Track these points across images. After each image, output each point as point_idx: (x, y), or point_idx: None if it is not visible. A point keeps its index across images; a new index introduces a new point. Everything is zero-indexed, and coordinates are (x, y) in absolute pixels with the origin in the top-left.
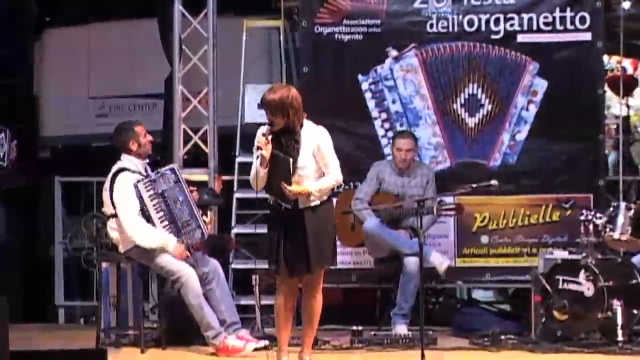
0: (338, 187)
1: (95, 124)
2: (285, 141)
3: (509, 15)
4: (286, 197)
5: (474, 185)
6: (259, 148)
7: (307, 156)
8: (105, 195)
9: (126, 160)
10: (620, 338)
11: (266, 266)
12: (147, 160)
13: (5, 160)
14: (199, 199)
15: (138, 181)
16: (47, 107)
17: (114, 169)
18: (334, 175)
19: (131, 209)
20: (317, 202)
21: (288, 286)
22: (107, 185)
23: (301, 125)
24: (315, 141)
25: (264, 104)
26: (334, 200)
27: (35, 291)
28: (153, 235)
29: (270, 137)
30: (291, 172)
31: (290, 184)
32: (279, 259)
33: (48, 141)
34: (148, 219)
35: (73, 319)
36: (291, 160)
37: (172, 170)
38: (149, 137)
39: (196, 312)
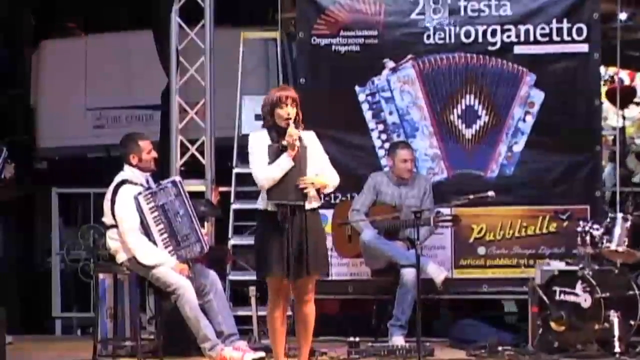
0: (335, 199)
1: (92, 135)
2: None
3: (506, 27)
4: (297, 194)
5: (471, 197)
6: (290, 136)
7: (312, 160)
8: (107, 205)
9: (128, 171)
10: (617, 349)
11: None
12: (149, 173)
13: None
14: (196, 210)
15: (139, 193)
16: (44, 119)
17: (116, 180)
18: (335, 176)
19: (132, 225)
20: (316, 205)
21: (280, 295)
22: (108, 196)
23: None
24: (312, 145)
25: (287, 97)
26: (331, 211)
27: (32, 302)
28: (153, 254)
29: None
30: (306, 167)
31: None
32: (282, 261)
33: (45, 152)
34: (147, 231)
35: (70, 330)
36: (305, 155)
37: (174, 183)
38: (153, 154)
39: (193, 324)
